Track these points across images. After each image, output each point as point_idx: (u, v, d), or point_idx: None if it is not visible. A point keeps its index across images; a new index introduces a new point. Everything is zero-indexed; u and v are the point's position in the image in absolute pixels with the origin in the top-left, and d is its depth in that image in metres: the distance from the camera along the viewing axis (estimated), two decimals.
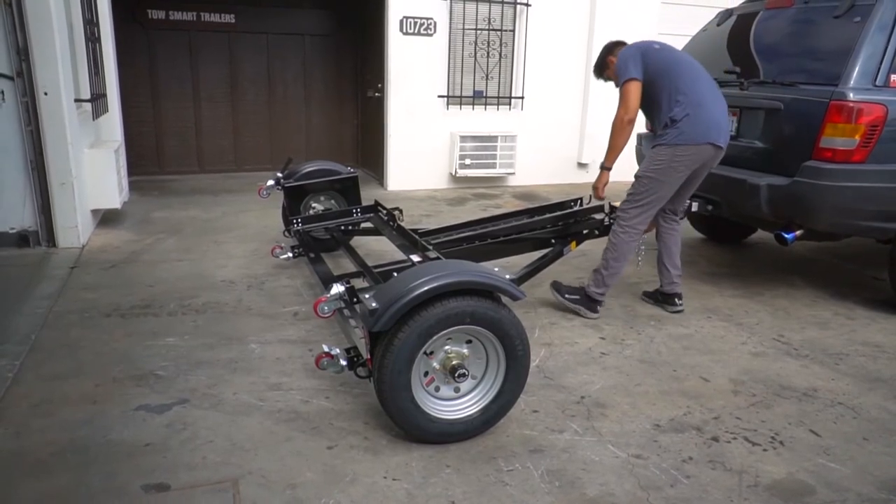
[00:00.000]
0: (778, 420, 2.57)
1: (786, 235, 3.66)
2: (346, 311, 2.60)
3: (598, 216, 3.82)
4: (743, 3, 4.46)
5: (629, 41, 3.55)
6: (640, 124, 4.47)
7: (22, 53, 4.06)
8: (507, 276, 2.33)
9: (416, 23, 6.79)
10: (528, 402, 2.62)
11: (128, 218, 5.43)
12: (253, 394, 2.62)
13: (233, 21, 7.48)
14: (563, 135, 7.68)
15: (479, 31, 7.08)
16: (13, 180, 4.30)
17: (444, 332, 2.20)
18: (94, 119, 5.12)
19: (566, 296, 3.59)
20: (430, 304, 2.14)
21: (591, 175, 3.74)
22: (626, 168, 3.93)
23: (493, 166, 7.27)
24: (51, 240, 4.45)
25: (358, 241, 4.44)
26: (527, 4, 7.10)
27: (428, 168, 7.19)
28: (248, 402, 2.56)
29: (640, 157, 4.75)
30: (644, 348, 3.22)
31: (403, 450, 2.27)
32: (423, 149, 7.12)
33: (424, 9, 6.78)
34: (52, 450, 2.19)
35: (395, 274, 2.96)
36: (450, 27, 6.92)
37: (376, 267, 3.26)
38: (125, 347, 2.99)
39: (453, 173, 7.19)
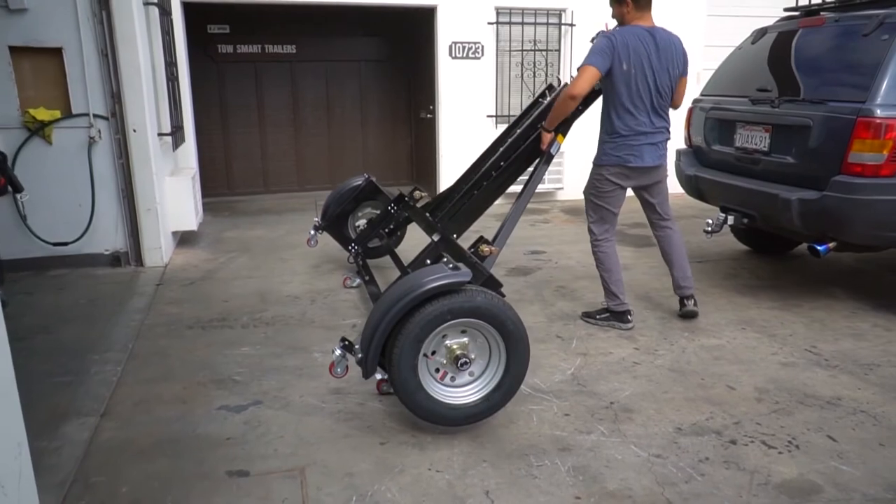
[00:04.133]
0: (797, 426, 2.73)
1: (818, 247, 3.78)
2: None
3: None
4: (777, 21, 4.59)
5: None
6: (678, 139, 4.65)
7: (115, 97, 4.64)
8: (451, 265, 2.53)
9: (464, 47, 7.14)
10: (561, 406, 2.88)
11: (203, 238, 5.98)
12: (316, 397, 2.98)
13: (294, 51, 8.04)
14: None
15: (525, 53, 7.36)
16: (107, 208, 4.88)
17: (434, 332, 2.48)
18: (173, 150, 5.69)
19: (597, 317, 3.88)
20: (407, 318, 2.42)
21: None
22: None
23: (541, 181, 7.48)
24: (138, 260, 5.01)
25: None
26: (571, 25, 7.34)
27: None
28: (313, 403, 2.92)
29: (680, 174, 4.92)
30: (675, 358, 3.41)
31: (446, 446, 2.57)
32: None
33: (472, 34, 7.12)
34: (152, 440, 2.61)
35: (428, 262, 3.31)
36: (497, 49, 7.23)
37: (410, 264, 3.61)
38: (206, 356, 3.43)
39: None
